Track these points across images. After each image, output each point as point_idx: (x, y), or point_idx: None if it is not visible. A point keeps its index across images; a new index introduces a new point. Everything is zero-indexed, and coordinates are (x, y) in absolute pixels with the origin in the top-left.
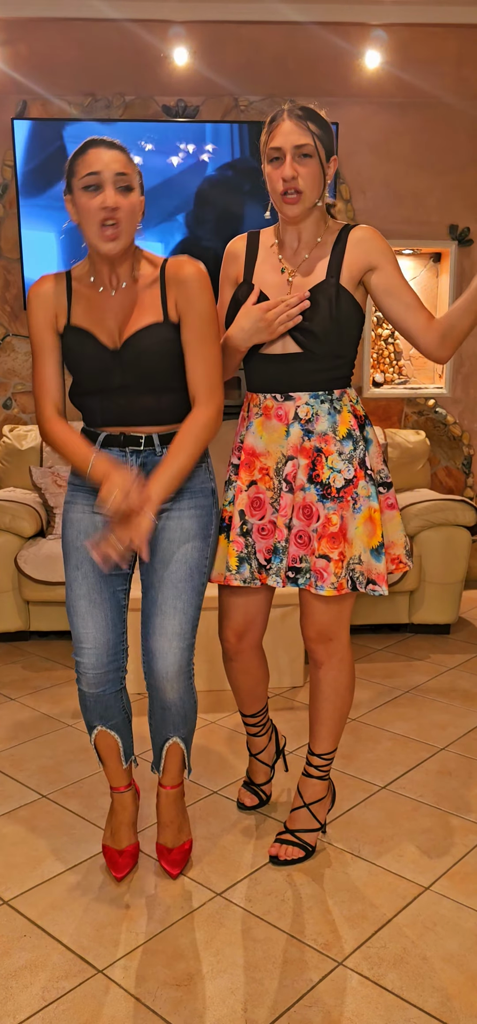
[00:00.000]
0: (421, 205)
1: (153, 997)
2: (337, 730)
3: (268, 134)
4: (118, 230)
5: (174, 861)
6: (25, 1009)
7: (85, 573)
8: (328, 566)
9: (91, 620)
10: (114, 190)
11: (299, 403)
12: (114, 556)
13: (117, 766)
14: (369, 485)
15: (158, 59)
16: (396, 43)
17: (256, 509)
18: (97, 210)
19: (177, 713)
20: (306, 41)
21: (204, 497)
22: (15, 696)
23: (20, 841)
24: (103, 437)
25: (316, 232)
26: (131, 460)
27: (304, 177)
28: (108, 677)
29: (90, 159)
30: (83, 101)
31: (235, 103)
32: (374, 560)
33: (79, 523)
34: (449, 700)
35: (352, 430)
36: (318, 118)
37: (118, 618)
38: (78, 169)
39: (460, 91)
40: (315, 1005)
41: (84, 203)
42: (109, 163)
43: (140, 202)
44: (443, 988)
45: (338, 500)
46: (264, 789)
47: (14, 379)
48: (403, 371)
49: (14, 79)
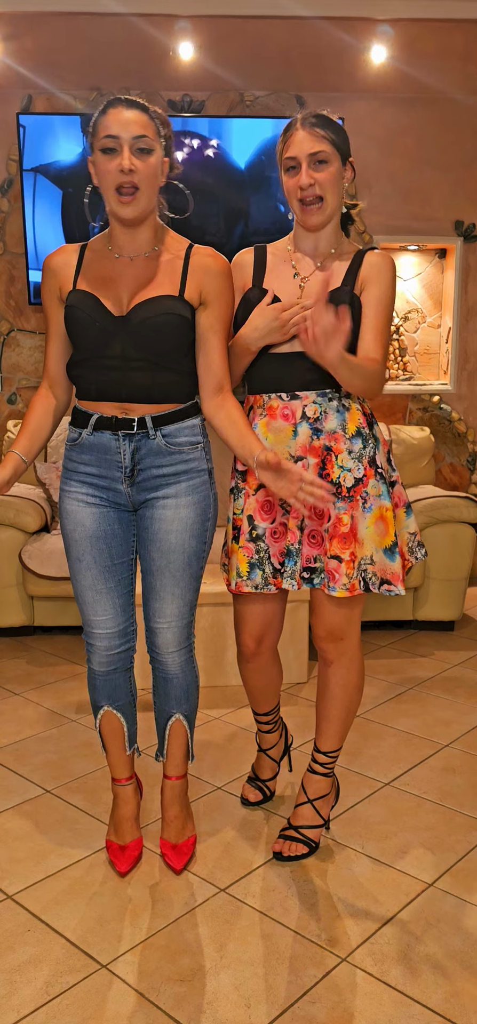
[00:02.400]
0: (427, 201)
1: (157, 992)
2: (344, 729)
3: (283, 144)
4: (135, 195)
5: (178, 856)
6: (29, 1004)
7: (87, 564)
8: (340, 567)
9: (100, 608)
10: (131, 153)
11: (306, 402)
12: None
13: (120, 752)
14: (380, 483)
15: (164, 54)
16: (402, 38)
17: (266, 513)
18: (114, 173)
19: (179, 685)
20: (312, 36)
21: (201, 481)
22: (19, 691)
23: (24, 836)
24: (95, 419)
25: (331, 242)
26: (124, 444)
27: (322, 183)
28: (119, 657)
29: (109, 120)
30: (88, 95)
31: (241, 98)
32: (388, 560)
33: (75, 514)
34: (453, 697)
35: (361, 428)
36: (331, 124)
37: (126, 602)
38: (98, 130)
39: (466, 86)
40: (319, 1001)
41: (101, 165)
42: (127, 124)
43: (163, 163)
44: (446, 985)
45: (348, 499)
46: (269, 785)
47: (19, 374)
48: (408, 367)
49: (19, 73)
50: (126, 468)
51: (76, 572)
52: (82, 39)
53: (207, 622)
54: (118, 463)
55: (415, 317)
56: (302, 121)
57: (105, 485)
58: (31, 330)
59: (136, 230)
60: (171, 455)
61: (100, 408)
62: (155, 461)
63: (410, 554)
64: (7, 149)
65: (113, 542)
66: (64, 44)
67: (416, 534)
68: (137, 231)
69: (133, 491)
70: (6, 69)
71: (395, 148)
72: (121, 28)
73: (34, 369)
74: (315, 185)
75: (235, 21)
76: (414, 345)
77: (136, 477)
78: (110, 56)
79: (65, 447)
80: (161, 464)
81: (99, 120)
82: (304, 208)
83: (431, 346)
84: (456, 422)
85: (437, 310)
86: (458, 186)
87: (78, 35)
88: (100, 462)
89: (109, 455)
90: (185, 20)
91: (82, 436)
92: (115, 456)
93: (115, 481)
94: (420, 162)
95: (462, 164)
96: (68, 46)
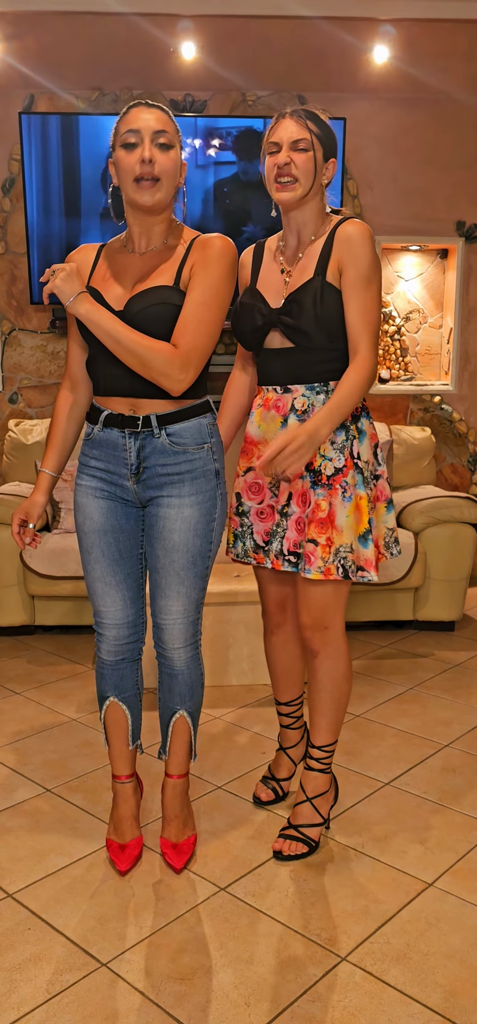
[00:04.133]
0: (428, 201)
1: (157, 991)
2: (336, 721)
3: (269, 132)
4: (157, 185)
5: (178, 855)
6: (29, 1002)
7: (96, 557)
8: (315, 550)
9: (109, 600)
10: (152, 145)
11: (296, 395)
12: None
13: (123, 747)
14: (356, 474)
15: (166, 53)
16: (404, 38)
17: (255, 493)
18: (135, 164)
19: (184, 682)
20: (314, 36)
21: (206, 481)
22: (20, 690)
23: (24, 834)
24: (105, 416)
25: (313, 230)
26: (130, 442)
27: (297, 165)
28: (128, 647)
29: (130, 118)
30: (91, 95)
31: (243, 98)
32: (361, 547)
33: (85, 507)
34: (453, 697)
35: (345, 421)
36: (319, 120)
37: (136, 595)
38: (120, 128)
39: (469, 87)
40: (318, 1000)
41: (123, 159)
42: (148, 120)
43: (182, 165)
44: (446, 984)
45: (327, 487)
46: (283, 785)
47: (20, 373)
48: (409, 368)
49: (22, 73)
50: (132, 465)
51: (86, 563)
52: (84, 38)
53: (210, 621)
54: (125, 460)
55: (416, 317)
56: (291, 112)
57: (113, 480)
58: (33, 329)
59: (151, 224)
60: (175, 454)
61: (110, 404)
62: (160, 460)
63: (386, 549)
64: (9, 148)
65: (121, 536)
66: (66, 43)
67: (393, 530)
68: (152, 226)
69: (139, 488)
70: (8, 68)
71: (397, 148)
72: (123, 27)
73: (35, 369)
74: (291, 164)
75: (237, 21)
76: (415, 345)
77: (142, 475)
78: (112, 56)
79: (83, 442)
80: (166, 463)
81: (121, 120)
82: (277, 185)
83: (432, 346)
84: (457, 422)
85: (438, 310)
86: (460, 186)
87: (80, 34)
88: (109, 458)
89: (117, 452)
90: (187, 20)
91: (94, 432)
92: (122, 453)
93: (122, 477)
94: (422, 162)
95: (464, 164)
96: (70, 45)
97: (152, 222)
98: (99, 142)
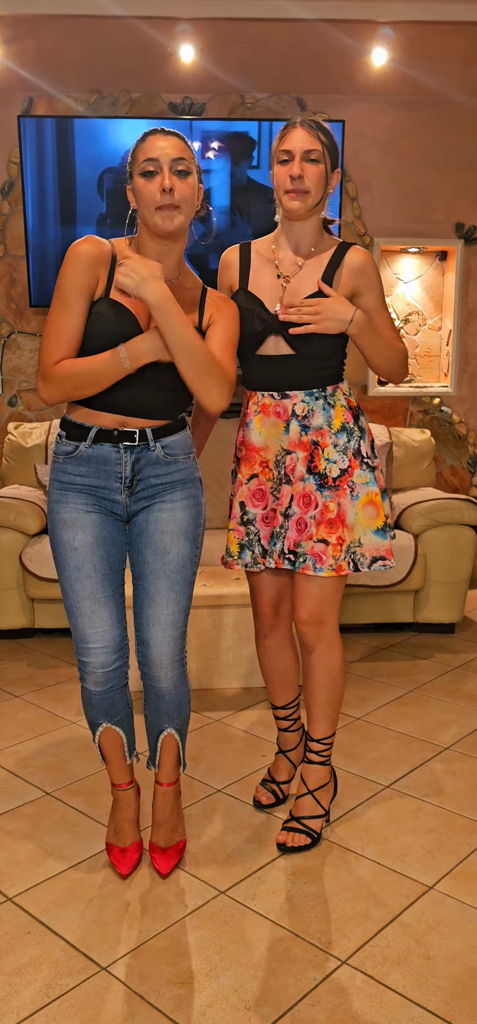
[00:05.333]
0: (427, 203)
1: (156, 995)
2: (333, 713)
3: (280, 139)
4: (177, 211)
5: (166, 860)
6: (28, 1006)
7: (87, 573)
8: (326, 549)
9: (98, 619)
10: (171, 173)
11: (295, 400)
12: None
13: (121, 763)
14: (366, 472)
15: (165, 56)
16: (403, 40)
17: (258, 500)
18: (155, 192)
19: (171, 701)
20: (313, 38)
21: (194, 487)
22: (19, 693)
23: (24, 838)
24: (95, 432)
25: (312, 241)
26: (125, 456)
27: (310, 177)
28: (115, 674)
29: (148, 146)
30: (89, 98)
31: (242, 100)
32: (380, 539)
33: (74, 523)
34: (454, 699)
35: (346, 423)
36: (327, 131)
37: (120, 614)
38: (138, 156)
39: (467, 89)
40: (318, 1004)
41: (142, 188)
42: (166, 148)
43: (199, 189)
44: (447, 987)
45: (334, 488)
46: (283, 788)
47: (19, 376)
48: (408, 370)
49: (20, 76)
50: (126, 479)
51: (74, 582)
52: (83, 42)
53: (205, 624)
54: (117, 474)
55: (416, 319)
56: (301, 122)
57: (103, 495)
58: (32, 332)
59: (168, 252)
60: (168, 464)
61: (98, 419)
62: (154, 471)
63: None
64: (8, 151)
65: (112, 549)
66: (65, 46)
67: (388, 516)
68: (169, 254)
69: (131, 500)
70: (7, 71)
71: (396, 150)
72: (122, 31)
73: (35, 372)
74: (304, 178)
75: (236, 24)
76: (415, 347)
77: (135, 487)
78: (111, 59)
79: (56, 462)
80: (159, 473)
81: (138, 147)
82: (289, 195)
83: (432, 348)
84: (457, 424)
85: (438, 312)
86: (459, 188)
87: (79, 38)
88: (99, 473)
89: (108, 466)
90: (186, 23)
91: (80, 449)
92: (115, 467)
93: (113, 492)
94: (421, 164)
95: (463, 166)
96: (69, 49)
97: (169, 249)
98: (96, 145)
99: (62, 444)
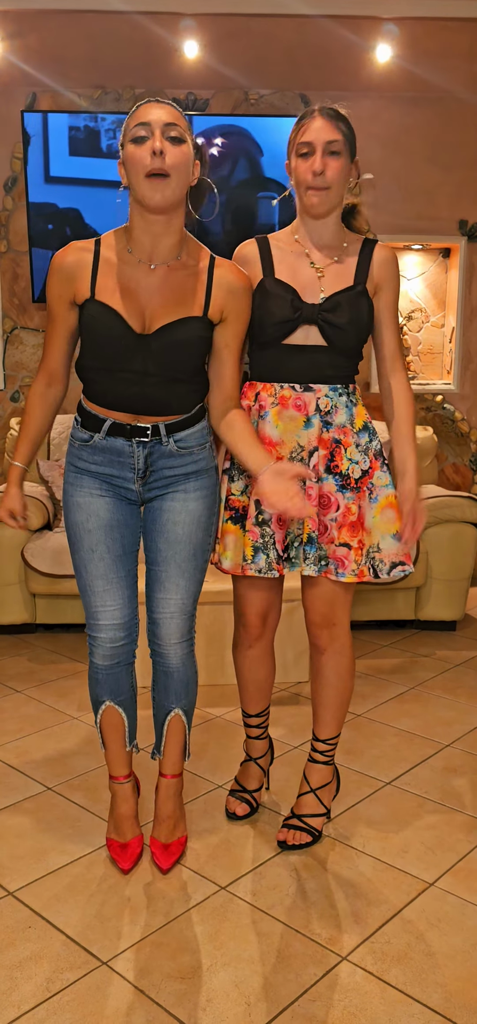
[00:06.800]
0: (431, 200)
1: (157, 989)
2: (340, 715)
3: (298, 130)
4: (167, 180)
5: (167, 856)
6: (29, 1000)
7: (100, 554)
8: (349, 554)
9: (109, 598)
10: (163, 138)
11: (319, 395)
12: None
13: (120, 749)
14: (385, 474)
15: (168, 52)
16: (407, 37)
17: None
18: (145, 156)
19: (179, 680)
20: (317, 34)
21: (208, 477)
22: (21, 688)
23: (25, 833)
24: (108, 425)
25: (338, 235)
26: (138, 450)
27: (332, 172)
28: (123, 650)
29: (140, 113)
30: (93, 94)
31: (245, 96)
32: (398, 543)
33: (88, 505)
34: (455, 697)
35: (367, 422)
36: (347, 121)
37: (131, 594)
38: (129, 124)
39: (471, 86)
40: (319, 999)
41: (132, 154)
42: (158, 114)
43: (194, 164)
44: (447, 984)
45: (356, 490)
46: (255, 796)
47: (22, 372)
48: (411, 367)
49: (24, 71)
50: (139, 470)
51: (87, 562)
52: (87, 37)
53: (208, 620)
54: (131, 465)
55: (419, 317)
56: (320, 110)
57: (117, 483)
58: (34, 328)
59: (161, 233)
60: (182, 457)
61: (112, 414)
62: (167, 463)
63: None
64: (11, 147)
65: (125, 531)
66: (69, 42)
67: None
68: (162, 235)
69: (144, 489)
70: (11, 67)
71: (400, 147)
72: (126, 26)
73: (37, 367)
74: (326, 172)
75: (240, 19)
76: (417, 345)
77: (149, 478)
78: (115, 54)
79: (72, 446)
80: (173, 465)
81: (130, 117)
82: (311, 191)
83: (434, 346)
84: (459, 422)
85: (441, 310)
86: (463, 185)
87: (83, 33)
88: (112, 463)
89: (122, 458)
90: (190, 18)
91: (94, 439)
92: (128, 459)
93: (127, 480)
94: (424, 161)
95: (467, 163)
96: (73, 44)
97: (162, 230)
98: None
99: (78, 430)
